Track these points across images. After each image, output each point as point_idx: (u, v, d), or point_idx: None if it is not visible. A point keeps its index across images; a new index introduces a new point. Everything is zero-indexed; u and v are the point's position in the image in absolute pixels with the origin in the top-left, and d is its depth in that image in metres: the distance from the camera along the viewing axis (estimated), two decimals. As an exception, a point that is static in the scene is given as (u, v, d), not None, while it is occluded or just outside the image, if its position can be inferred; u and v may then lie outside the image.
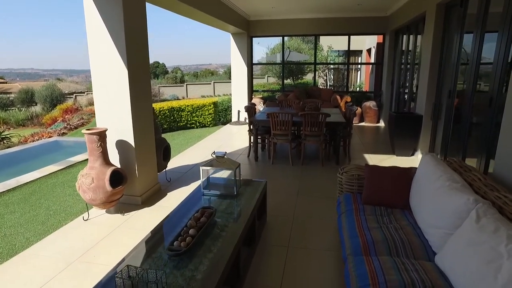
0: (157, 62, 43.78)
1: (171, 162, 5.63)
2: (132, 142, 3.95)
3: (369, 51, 15.15)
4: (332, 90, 10.71)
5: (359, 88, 15.51)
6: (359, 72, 17.66)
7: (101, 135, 3.54)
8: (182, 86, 23.10)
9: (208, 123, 9.75)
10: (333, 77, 18.46)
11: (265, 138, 6.29)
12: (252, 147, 6.10)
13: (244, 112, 7.85)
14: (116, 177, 3.62)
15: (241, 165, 3.29)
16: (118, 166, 3.98)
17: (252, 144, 6.09)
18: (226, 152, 3.13)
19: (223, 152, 3.10)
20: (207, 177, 3.32)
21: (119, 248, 3.09)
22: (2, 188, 4.70)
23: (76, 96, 21.00)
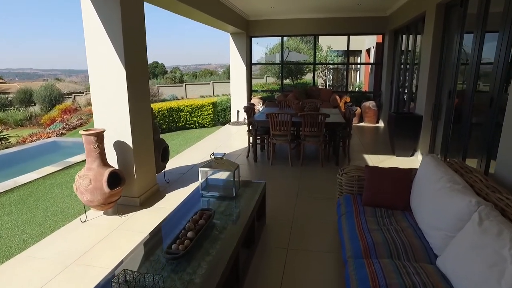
0: (156, 62, 43.69)
1: (170, 163, 5.60)
2: (130, 143, 3.92)
3: (368, 51, 15.14)
4: (331, 90, 10.69)
5: (358, 88, 15.49)
6: (358, 72, 17.65)
7: (99, 136, 3.51)
8: (181, 86, 23.06)
9: (207, 123, 9.72)
10: (332, 77, 18.45)
11: (264, 138, 6.26)
12: (251, 147, 6.07)
13: (243, 112, 7.82)
14: (114, 179, 3.59)
15: (240, 166, 3.27)
16: (116, 167, 3.95)
17: (251, 144, 6.06)
18: (225, 153, 3.10)
19: (222, 153, 3.07)
20: (205, 179, 3.29)
21: (117, 251, 3.06)
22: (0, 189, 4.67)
23: (75, 96, 20.96)
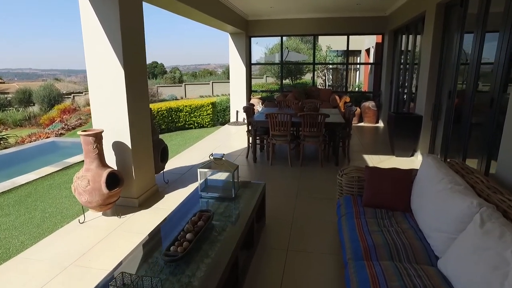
0: (156, 62, 43.63)
1: (169, 163, 5.57)
2: (129, 144, 3.90)
3: (368, 51, 15.12)
4: (331, 90, 10.67)
5: (358, 88, 15.47)
6: (358, 72, 17.63)
7: (97, 136, 3.49)
8: (181, 86, 23.05)
9: (207, 123, 9.69)
10: (332, 77, 18.42)
11: (264, 139, 6.23)
12: (251, 148, 6.04)
13: (243, 112, 7.80)
14: (112, 179, 3.56)
15: (239, 166, 3.25)
16: (115, 168, 3.92)
17: (251, 145, 6.03)
18: (224, 154, 3.08)
19: (221, 154, 3.04)
20: (204, 179, 3.27)
21: (115, 252, 3.04)
22: (-3, 190, 4.64)
23: (74, 96, 20.92)
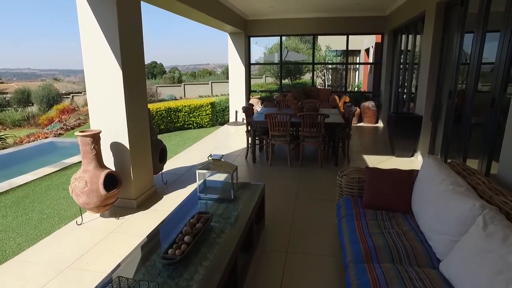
0: (155, 62, 43.53)
1: (168, 164, 5.54)
2: (127, 144, 3.86)
3: (367, 51, 15.10)
4: (330, 90, 10.63)
5: (357, 88, 15.44)
6: (357, 72, 17.60)
7: (95, 137, 3.45)
8: (180, 86, 23.00)
9: (206, 123, 9.66)
10: (331, 77, 18.40)
11: (263, 139, 6.20)
12: (250, 148, 6.01)
13: (242, 112, 7.77)
14: (110, 180, 3.53)
15: (238, 167, 3.22)
16: (113, 169, 3.89)
17: (250, 145, 6.00)
18: (223, 155, 3.05)
19: (220, 155, 3.01)
20: (203, 181, 3.24)
21: (113, 254, 3.00)
22: (-5, 191, 4.60)
23: (73, 96, 20.85)
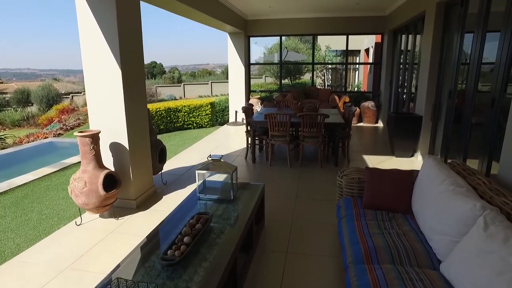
0: (154, 62, 43.48)
1: (167, 164, 5.53)
2: (126, 145, 3.85)
3: (367, 50, 15.09)
4: (330, 90, 10.63)
5: (357, 88, 15.44)
6: (357, 72, 17.60)
7: (94, 137, 3.44)
8: (180, 86, 22.98)
9: (205, 123, 9.65)
10: (331, 77, 18.39)
11: (263, 139, 6.19)
12: (250, 148, 6.00)
13: (242, 112, 7.76)
14: (109, 181, 3.52)
15: (238, 167, 3.21)
16: (112, 169, 3.88)
17: (250, 145, 5.99)
18: (222, 156, 3.04)
19: (220, 155, 3.00)
20: (203, 181, 3.23)
21: (112, 255, 2.99)
22: (-6, 191, 4.59)
23: (72, 96, 20.82)
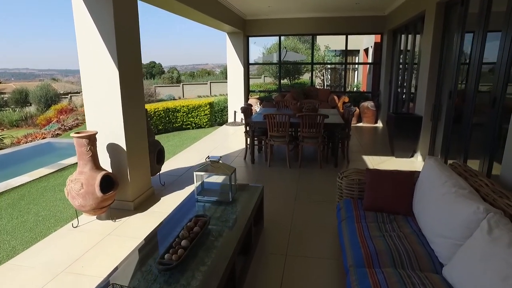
0: (153, 62, 43.38)
1: (166, 165, 5.49)
2: (123, 146, 3.81)
3: (366, 50, 15.06)
4: (329, 90, 10.59)
5: (356, 88, 15.41)
6: (356, 72, 17.57)
7: (91, 138, 3.40)
8: (179, 86, 22.94)
9: (204, 124, 9.61)
10: (330, 77, 18.35)
11: (262, 139, 6.15)
12: (249, 149, 5.96)
13: (241, 113, 7.71)
14: (107, 182, 3.47)
15: (237, 168, 3.18)
16: (109, 170, 3.83)
17: (249, 146, 5.95)
18: (220, 157, 3.00)
19: (218, 156, 2.96)
20: (201, 182, 3.19)
21: (109, 258, 2.95)
22: (-10, 193, 4.54)
23: (71, 96, 20.74)
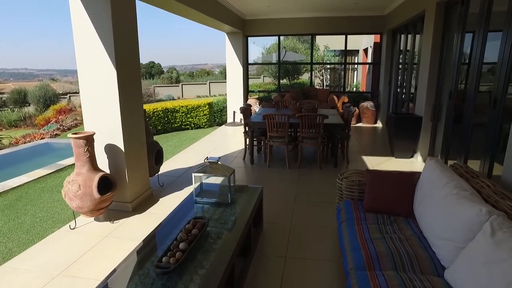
0: (153, 62, 43.33)
1: (165, 165, 5.45)
2: (121, 146, 3.77)
3: (365, 50, 15.04)
4: (329, 91, 10.56)
5: (355, 88, 15.39)
6: (355, 72, 17.55)
7: (88, 139, 3.36)
8: (178, 86, 22.91)
9: (203, 124, 9.57)
10: (329, 77, 18.32)
11: (261, 140, 6.12)
12: (248, 149, 5.93)
13: (240, 113, 7.68)
14: (104, 184, 3.44)
15: (236, 168, 3.15)
16: (107, 171, 3.80)
17: (248, 146, 5.92)
18: (219, 158, 2.96)
19: (217, 157, 2.93)
20: (200, 184, 3.16)
21: (106, 260, 2.91)
22: (-13, 194, 4.50)
23: (70, 96, 20.67)
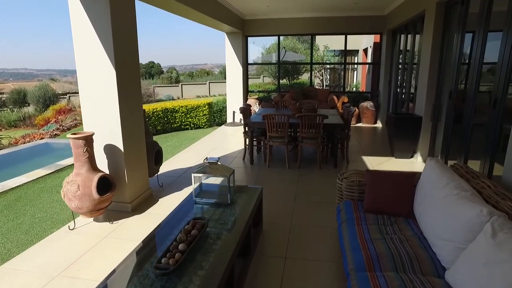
0: (152, 62, 43.28)
1: (164, 166, 5.44)
2: (121, 147, 3.76)
3: (365, 50, 15.04)
4: (328, 91, 10.56)
5: (355, 88, 15.38)
6: (355, 72, 17.54)
7: (87, 139, 3.35)
8: (177, 86, 22.90)
9: (203, 124, 9.56)
10: (329, 77, 18.32)
11: (261, 140, 6.11)
12: (247, 149, 5.92)
13: (239, 113, 7.67)
14: (104, 184, 3.43)
15: (236, 169, 3.14)
16: (106, 172, 3.79)
17: (248, 146, 5.91)
18: (219, 158, 2.95)
19: (216, 158, 2.92)
20: (199, 184, 3.15)
21: (106, 260, 2.90)
22: (-14, 194, 4.49)
23: (69, 96, 20.66)
